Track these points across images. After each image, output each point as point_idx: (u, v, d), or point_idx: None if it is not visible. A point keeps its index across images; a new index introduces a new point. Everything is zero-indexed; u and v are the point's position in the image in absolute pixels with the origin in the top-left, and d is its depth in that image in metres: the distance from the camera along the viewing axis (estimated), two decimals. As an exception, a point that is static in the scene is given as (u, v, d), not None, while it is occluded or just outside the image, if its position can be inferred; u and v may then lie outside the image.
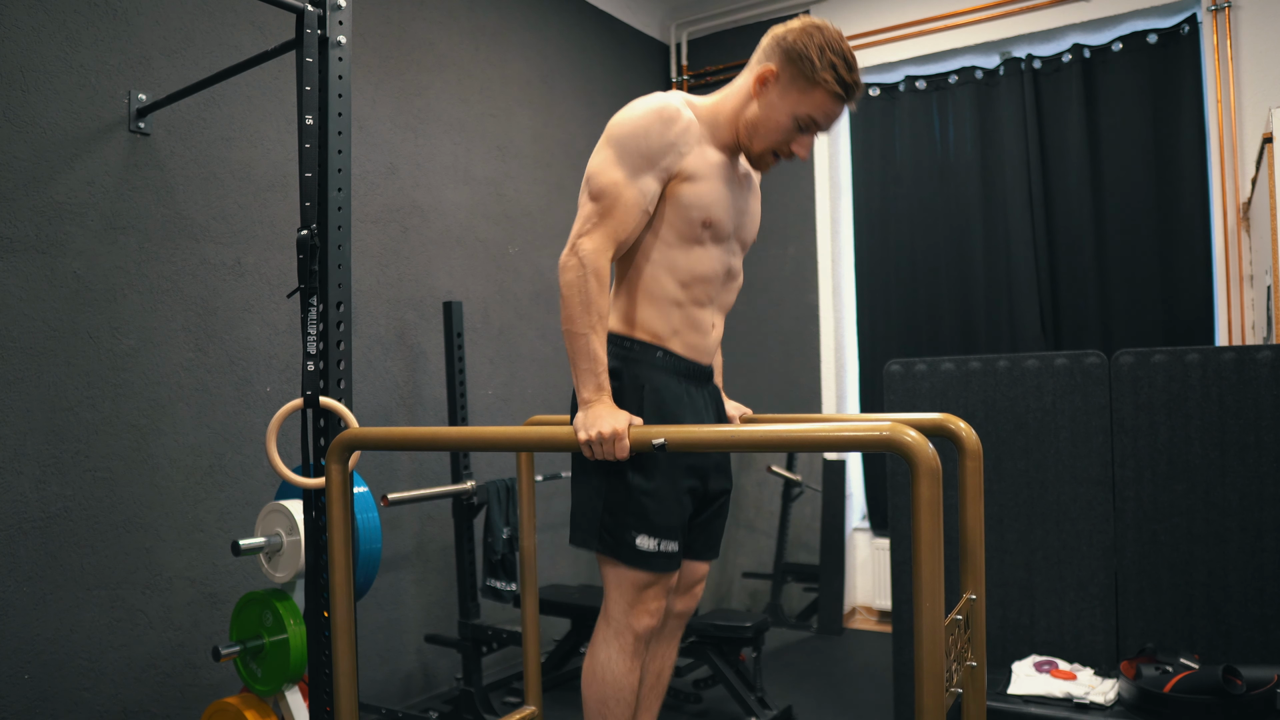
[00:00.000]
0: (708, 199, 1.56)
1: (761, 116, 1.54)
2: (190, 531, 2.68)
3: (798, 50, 1.48)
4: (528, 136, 4.10)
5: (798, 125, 1.53)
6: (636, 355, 1.59)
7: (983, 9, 4.22)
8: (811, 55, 1.47)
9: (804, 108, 1.51)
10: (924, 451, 1.11)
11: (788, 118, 1.51)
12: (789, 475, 4.43)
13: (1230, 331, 3.67)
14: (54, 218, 2.40)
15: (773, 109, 1.52)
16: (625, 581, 1.58)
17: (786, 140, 1.55)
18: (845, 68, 1.48)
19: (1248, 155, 3.63)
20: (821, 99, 1.49)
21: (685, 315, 1.61)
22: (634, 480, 1.55)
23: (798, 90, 1.50)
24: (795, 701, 3.31)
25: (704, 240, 1.59)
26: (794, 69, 1.49)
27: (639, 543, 1.54)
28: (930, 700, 1.10)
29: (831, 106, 1.51)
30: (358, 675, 1.75)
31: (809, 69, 1.48)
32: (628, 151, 1.52)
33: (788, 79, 1.50)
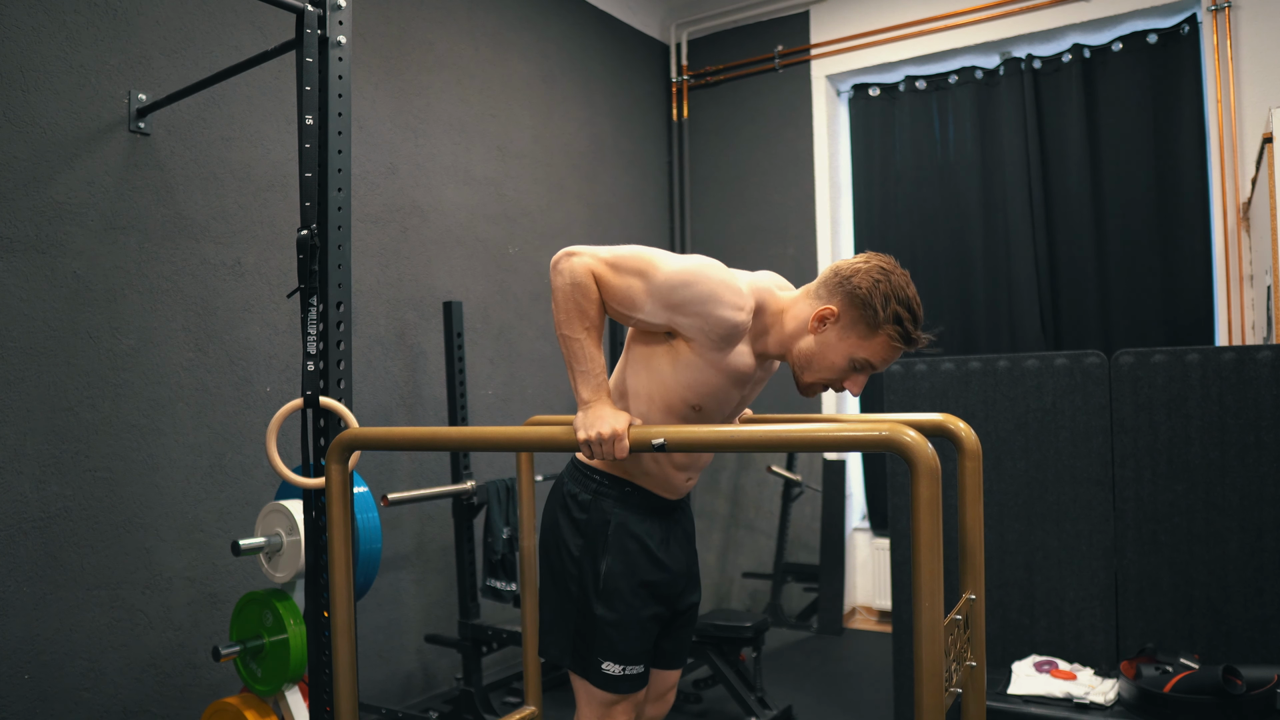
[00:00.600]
0: (708, 389, 1.53)
1: (817, 353, 1.49)
2: (190, 531, 2.68)
3: (861, 296, 1.43)
4: (528, 136, 4.10)
5: (853, 366, 1.48)
6: (605, 490, 1.62)
7: (983, 9, 4.22)
8: (876, 304, 1.42)
9: (863, 353, 1.46)
10: (923, 451, 1.11)
11: (844, 359, 1.47)
12: (789, 475, 4.43)
13: (1230, 331, 3.67)
14: (54, 218, 2.40)
15: (829, 349, 1.48)
16: (594, 699, 1.62)
17: (839, 379, 1.51)
18: (911, 320, 1.44)
19: (1248, 155, 3.62)
20: (881, 346, 1.46)
21: (660, 471, 1.63)
22: (599, 612, 1.58)
23: (857, 335, 1.45)
24: (795, 701, 3.31)
25: (689, 417, 1.57)
26: (856, 313, 1.44)
27: (605, 668, 1.59)
28: (930, 700, 1.10)
29: (890, 353, 1.47)
30: (358, 675, 1.75)
31: (872, 317, 1.43)
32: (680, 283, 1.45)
33: (848, 322, 1.45)
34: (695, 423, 1.57)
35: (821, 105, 4.72)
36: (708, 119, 5.06)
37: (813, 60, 4.73)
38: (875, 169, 4.61)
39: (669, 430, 1.34)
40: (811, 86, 4.74)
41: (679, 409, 1.55)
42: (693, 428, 1.36)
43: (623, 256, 1.48)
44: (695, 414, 1.56)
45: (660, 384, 1.54)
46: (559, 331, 1.49)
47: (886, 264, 1.48)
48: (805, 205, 4.75)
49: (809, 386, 1.54)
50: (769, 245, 4.87)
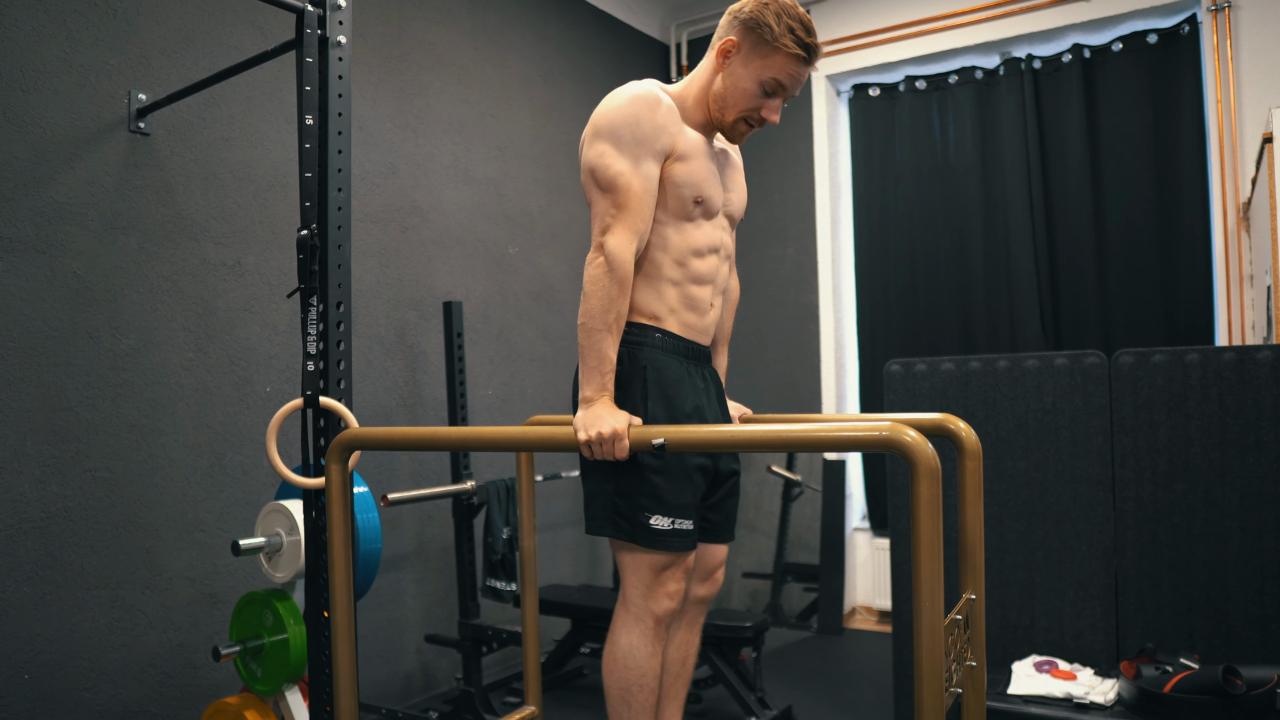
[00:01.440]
0: (698, 176, 1.60)
1: (729, 87, 1.58)
2: (190, 531, 2.68)
3: (755, 19, 1.53)
4: (528, 136, 4.10)
5: (764, 90, 1.57)
6: (636, 337, 1.61)
7: (983, 9, 4.22)
8: (769, 21, 1.52)
9: (768, 72, 1.54)
10: (924, 451, 1.11)
11: (753, 84, 1.56)
12: (789, 475, 4.43)
13: (1230, 331, 3.67)
14: (54, 218, 2.40)
15: (738, 79, 1.57)
16: (642, 565, 1.57)
17: (755, 106, 1.59)
18: (803, 30, 1.53)
19: (1248, 155, 3.63)
20: (783, 62, 1.54)
21: (682, 293, 1.63)
22: (644, 460, 1.55)
23: (759, 57, 1.54)
24: (795, 701, 3.31)
25: (696, 217, 1.62)
26: (754, 37, 1.53)
27: (653, 523, 1.54)
28: (930, 700, 1.10)
29: (794, 68, 1.55)
30: (358, 675, 1.75)
31: (769, 34, 1.52)
32: (624, 140, 1.55)
33: (749, 47, 1.54)
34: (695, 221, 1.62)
35: (821, 105, 4.72)
36: (708, 119, 5.05)
37: (813, 60, 4.72)
38: (875, 169, 4.61)
39: (669, 430, 1.34)
40: (811, 86, 4.74)
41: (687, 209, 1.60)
42: (693, 428, 1.36)
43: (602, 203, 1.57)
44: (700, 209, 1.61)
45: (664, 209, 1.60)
46: (583, 323, 1.52)
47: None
48: (805, 205, 4.75)
49: (733, 127, 1.62)
50: (769, 245, 4.87)
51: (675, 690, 1.78)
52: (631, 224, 1.52)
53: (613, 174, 1.54)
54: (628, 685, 1.59)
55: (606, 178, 1.55)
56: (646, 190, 1.55)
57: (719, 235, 1.69)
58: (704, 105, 1.63)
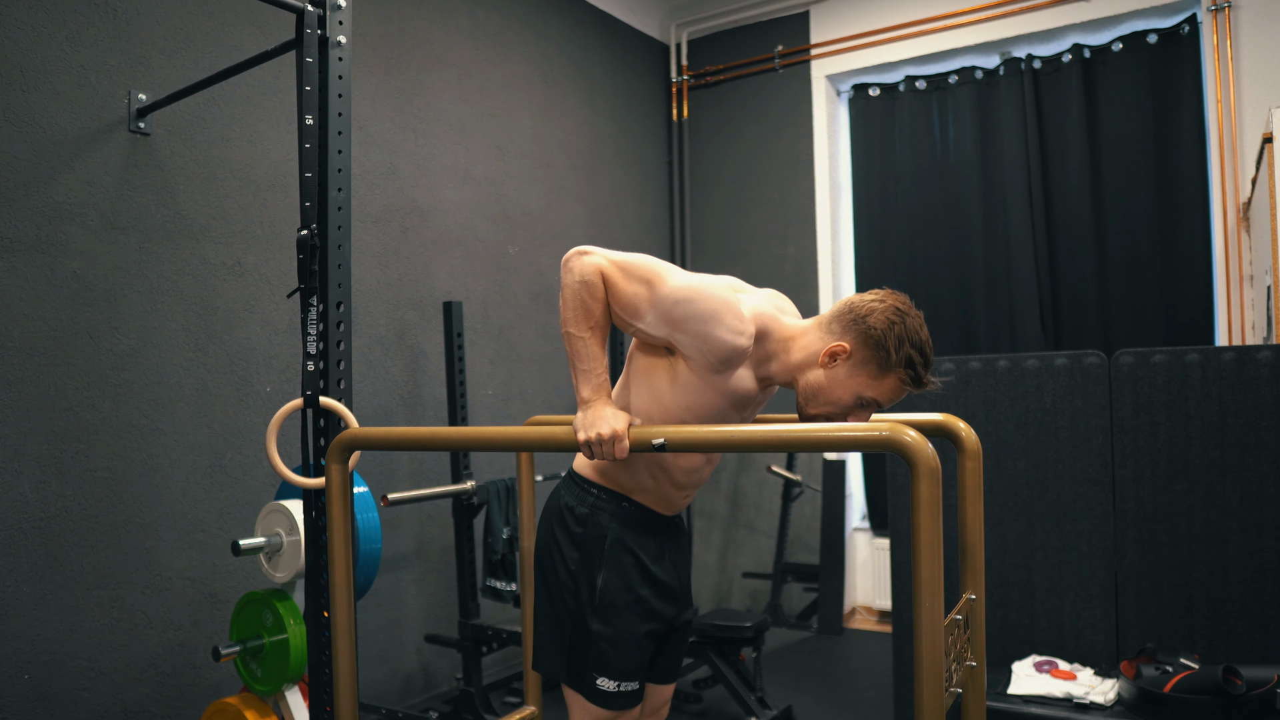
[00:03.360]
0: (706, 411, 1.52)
1: (825, 388, 1.48)
2: (190, 531, 2.68)
3: (875, 338, 1.43)
4: (528, 136, 4.10)
5: (859, 404, 1.49)
6: (602, 503, 1.61)
7: (983, 9, 4.22)
8: (890, 347, 1.43)
9: (871, 392, 1.46)
10: (924, 451, 1.11)
11: (851, 397, 1.47)
12: (789, 475, 4.43)
13: (1230, 331, 3.67)
14: (54, 218, 2.40)
15: (838, 385, 1.47)
16: (589, 714, 1.61)
17: (843, 414, 1.51)
18: (923, 364, 1.44)
19: (1248, 155, 3.63)
20: (890, 387, 1.46)
21: (658, 489, 1.62)
22: (595, 627, 1.57)
23: (868, 375, 1.45)
24: (795, 701, 3.31)
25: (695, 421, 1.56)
26: (869, 354, 1.44)
27: (600, 684, 1.57)
28: (930, 700, 1.10)
29: (898, 394, 1.48)
30: (358, 675, 1.75)
31: (884, 359, 1.43)
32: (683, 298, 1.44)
33: (860, 360, 1.45)
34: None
35: (821, 105, 4.72)
36: (708, 119, 5.06)
37: (813, 60, 4.73)
38: (875, 169, 4.61)
39: (669, 430, 1.34)
40: (811, 86, 4.74)
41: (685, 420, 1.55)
42: (693, 428, 1.36)
43: (633, 263, 1.48)
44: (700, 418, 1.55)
45: (659, 403, 1.53)
46: (564, 329, 1.49)
47: (902, 304, 1.47)
48: (805, 205, 4.75)
49: (813, 417, 1.53)
50: (769, 245, 4.87)
51: None
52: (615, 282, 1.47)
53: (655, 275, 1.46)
54: None
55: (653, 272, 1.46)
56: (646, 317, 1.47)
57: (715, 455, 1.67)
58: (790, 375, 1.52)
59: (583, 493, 1.62)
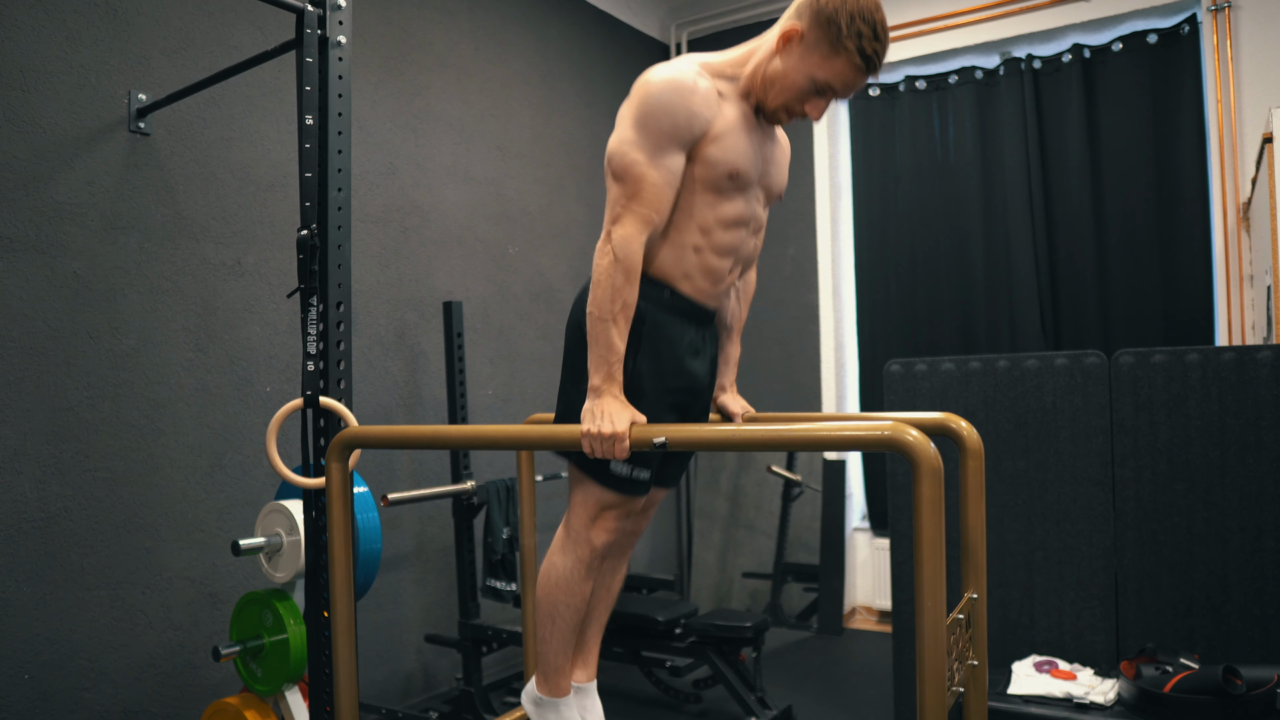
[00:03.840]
0: (732, 154, 1.53)
1: (780, 73, 1.51)
2: (190, 531, 2.68)
3: (827, 14, 1.44)
4: (528, 136, 4.10)
5: (815, 88, 1.50)
6: (644, 291, 1.58)
7: (983, 9, 4.22)
8: (840, 21, 1.42)
9: (823, 73, 1.47)
10: (926, 451, 1.11)
11: (805, 79, 1.49)
12: (789, 475, 4.43)
13: (1230, 331, 3.67)
14: (54, 218, 2.40)
15: (791, 69, 1.50)
16: (592, 498, 1.60)
17: (800, 100, 1.52)
18: (872, 38, 1.44)
19: (1248, 155, 3.63)
20: (842, 67, 1.46)
21: (701, 261, 1.60)
22: None
23: (819, 55, 1.46)
24: (795, 701, 3.31)
25: (727, 190, 1.57)
26: (819, 32, 1.45)
27: (613, 466, 1.56)
28: (932, 700, 1.10)
29: (851, 76, 1.48)
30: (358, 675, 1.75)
31: (834, 34, 1.43)
32: (649, 129, 1.49)
33: (812, 40, 1.46)
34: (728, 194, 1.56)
35: (821, 105, 4.72)
36: (707, 119, 5.05)
37: (813, 60, 4.72)
38: (875, 169, 4.61)
39: (670, 429, 1.34)
40: (811, 86, 4.73)
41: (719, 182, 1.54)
42: (694, 427, 1.35)
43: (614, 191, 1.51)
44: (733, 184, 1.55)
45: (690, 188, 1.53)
46: (589, 311, 1.49)
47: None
48: (805, 205, 4.75)
49: (773, 113, 1.56)
50: (769, 245, 4.86)
51: (598, 613, 1.84)
52: (643, 215, 1.49)
53: (629, 162, 1.49)
54: (556, 603, 1.65)
55: (622, 165, 1.50)
56: (665, 182, 1.50)
57: (751, 209, 1.64)
58: (751, 82, 1.57)
59: None
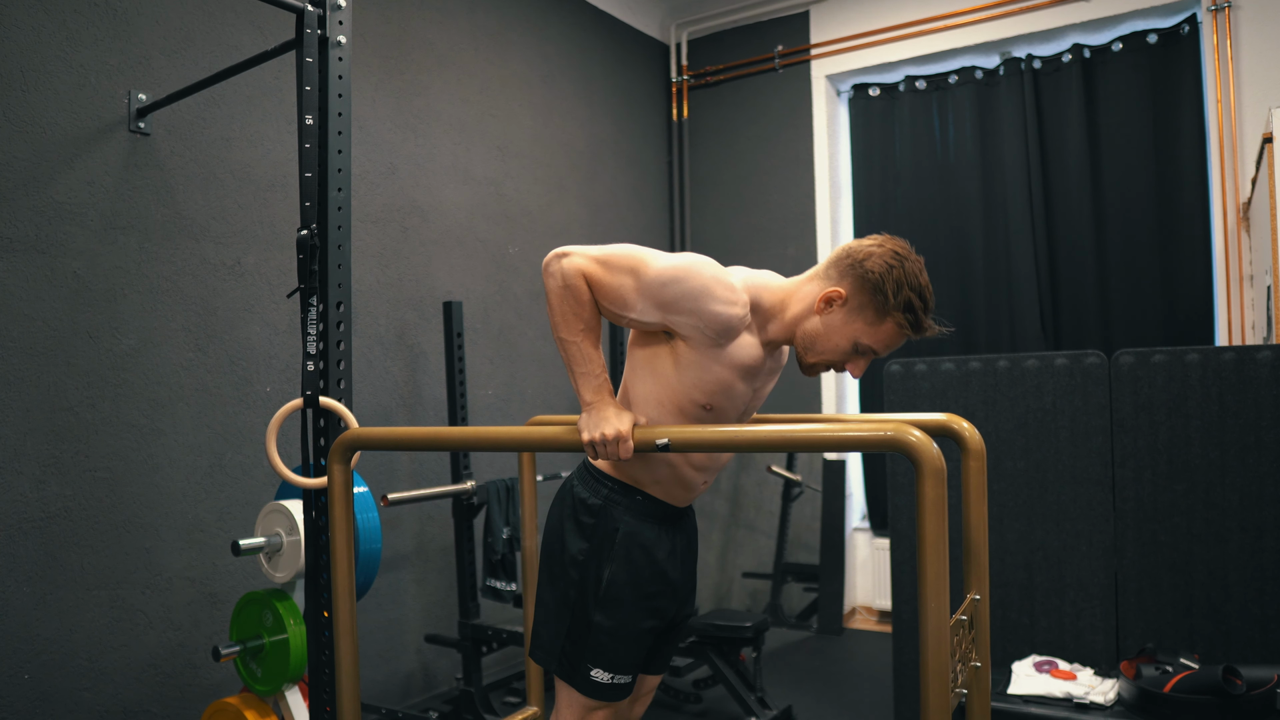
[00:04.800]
0: (716, 386, 1.49)
1: (822, 334, 1.46)
2: (190, 531, 2.68)
3: (873, 280, 1.41)
4: (528, 136, 4.10)
5: (857, 350, 1.47)
6: (616, 496, 1.59)
7: (983, 9, 4.22)
8: (888, 290, 1.40)
9: (868, 338, 1.44)
10: (929, 451, 1.11)
11: (848, 342, 1.45)
12: (789, 475, 4.43)
13: (1230, 331, 3.67)
14: (54, 218, 2.40)
15: (835, 331, 1.45)
16: (576, 703, 1.61)
17: (841, 362, 1.49)
18: (922, 308, 1.41)
19: (1248, 155, 3.63)
20: (888, 332, 1.44)
21: (674, 474, 1.60)
22: (597, 619, 1.56)
23: (865, 320, 1.43)
24: (795, 701, 3.31)
25: (701, 418, 1.54)
26: (865, 298, 1.42)
27: (594, 675, 1.57)
28: (935, 701, 1.10)
29: (896, 339, 1.45)
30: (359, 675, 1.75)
31: (882, 303, 1.41)
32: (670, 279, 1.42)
33: (856, 305, 1.43)
34: (702, 421, 1.53)
35: (821, 105, 4.72)
36: (708, 119, 5.06)
37: (813, 60, 4.73)
38: (875, 169, 4.61)
39: (672, 430, 1.34)
40: (811, 86, 4.74)
41: (690, 410, 1.52)
42: (695, 428, 1.35)
43: (614, 255, 1.46)
44: (708, 414, 1.52)
45: (666, 386, 1.51)
46: (555, 334, 1.47)
47: (901, 248, 1.44)
48: (805, 205, 4.75)
49: (811, 367, 1.53)
50: (769, 245, 4.87)
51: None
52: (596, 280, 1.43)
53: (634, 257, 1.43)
54: None
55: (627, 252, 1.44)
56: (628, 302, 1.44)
57: None
58: (787, 331, 1.51)
59: (596, 485, 1.61)
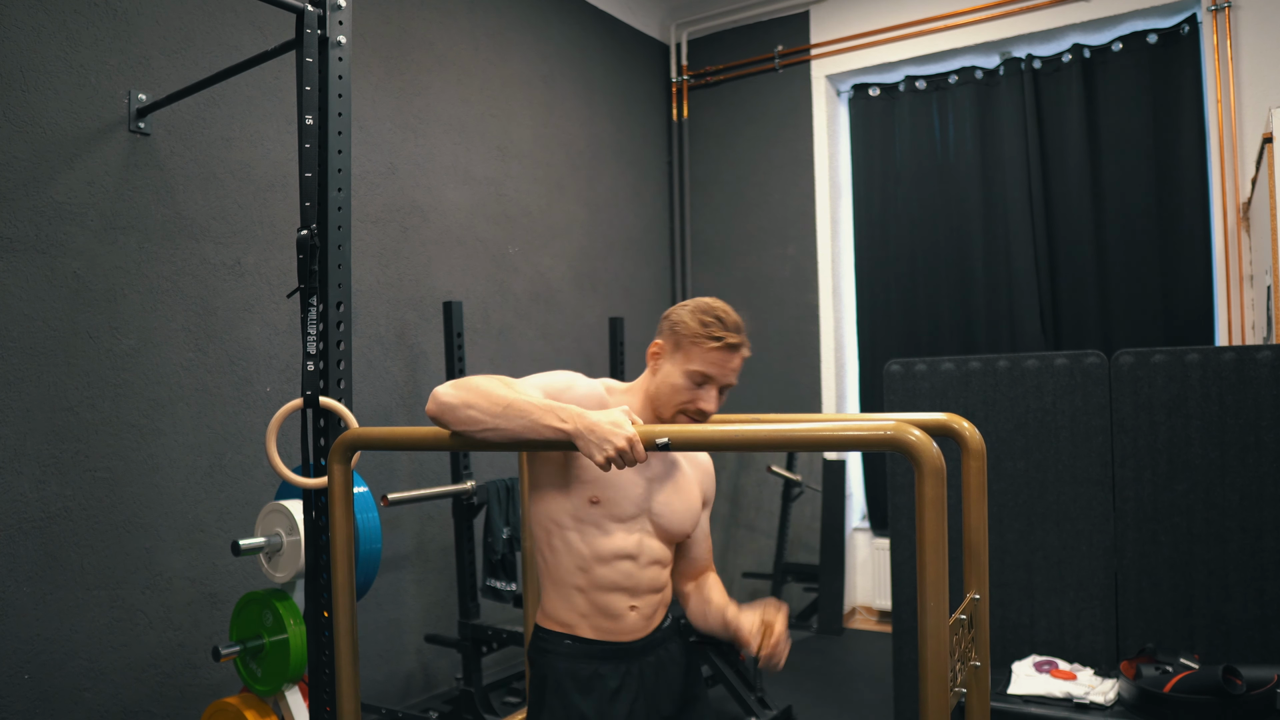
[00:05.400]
0: (603, 476, 1.54)
1: (661, 385, 1.58)
2: (190, 531, 2.68)
3: (673, 320, 1.58)
4: (528, 136, 4.10)
5: (693, 382, 1.56)
6: (546, 645, 1.59)
7: (983, 9, 4.22)
8: (685, 319, 1.56)
9: (692, 364, 1.55)
10: (929, 451, 1.11)
11: (682, 377, 1.56)
12: (789, 475, 4.43)
13: (1230, 331, 3.67)
14: (54, 218, 2.40)
15: (667, 376, 1.57)
16: None
17: (689, 399, 1.56)
18: (719, 325, 1.54)
19: (1248, 155, 3.63)
20: (703, 354, 1.54)
21: (590, 600, 1.57)
22: None
23: (683, 354, 1.56)
24: (795, 701, 3.31)
25: (598, 521, 1.54)
26: (675, 337, 1.57)
27: None
28: (935, 701, 1.10)
29: (717, 356, 1.55)
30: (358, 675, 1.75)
31: (686, 330, 1.56)
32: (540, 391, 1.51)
33: (672, 347, 1.58)
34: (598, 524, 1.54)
35: (821, 105, 4.72)
36: (708, 119, 5.06)
37: (813, 60, 4.73)
38: (875, 169, 4.61)
39: (672, 429, 1.33)
40: (811, 86, 4.74)
41: (585, 510, 1.54)
42: (697, 427, 1.35)
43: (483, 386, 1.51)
44: (596, 508, 1.54)
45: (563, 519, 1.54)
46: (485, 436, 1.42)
47: (705, 299, 1.59)
48: (805, 205, 4.75)
49: (674, 418, 1.59)
50: (769, 245, 4.87)
51: None
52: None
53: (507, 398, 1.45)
54: None
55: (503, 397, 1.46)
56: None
57: (634, 541, 1.58)
58: (650, 408, 1.61)
59: (535, 637, 1.62)
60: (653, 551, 1.62)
